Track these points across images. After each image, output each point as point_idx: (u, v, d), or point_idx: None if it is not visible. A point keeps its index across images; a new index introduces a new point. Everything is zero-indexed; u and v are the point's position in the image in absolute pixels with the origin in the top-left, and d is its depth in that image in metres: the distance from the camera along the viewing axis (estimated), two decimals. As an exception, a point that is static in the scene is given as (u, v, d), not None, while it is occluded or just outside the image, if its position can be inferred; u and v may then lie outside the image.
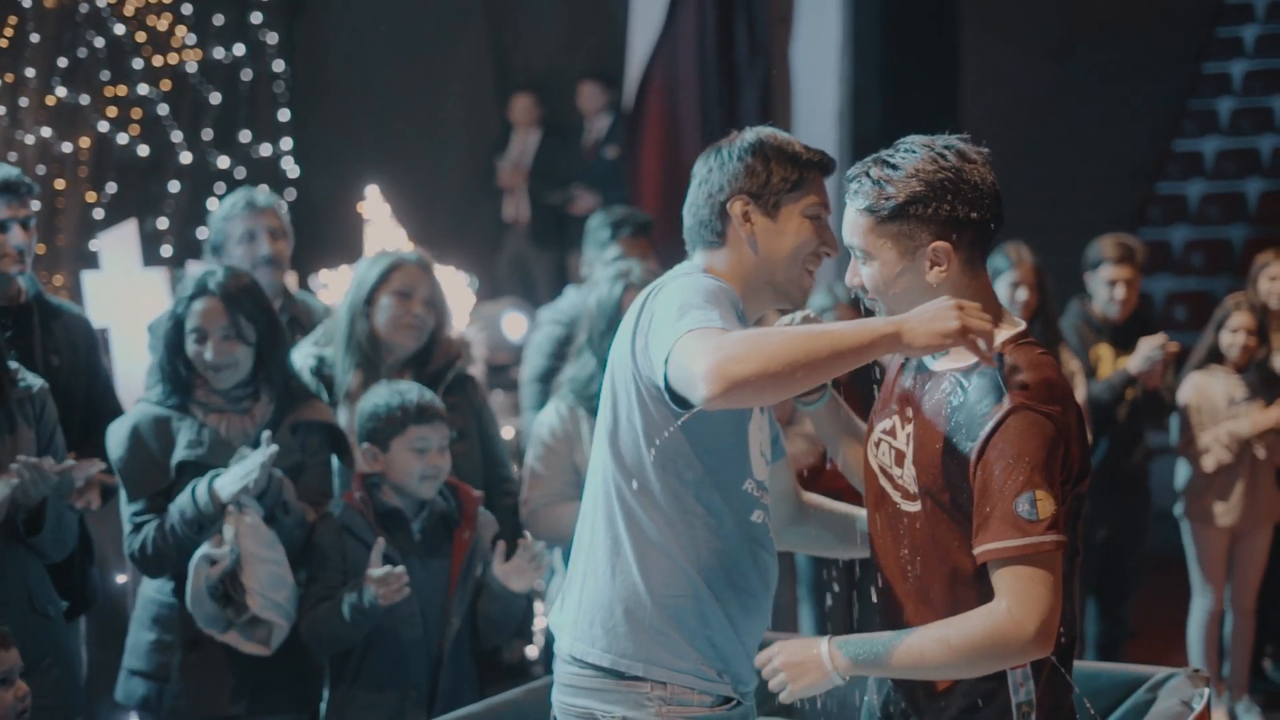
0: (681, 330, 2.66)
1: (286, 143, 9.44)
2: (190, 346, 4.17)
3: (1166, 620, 7.54)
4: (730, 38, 9.63)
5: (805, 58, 9.82)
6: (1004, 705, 2.74)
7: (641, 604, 2.88)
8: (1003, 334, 2.76)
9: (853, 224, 2.85)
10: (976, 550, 2.67)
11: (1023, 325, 2.83)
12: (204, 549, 3.99)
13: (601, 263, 5.70)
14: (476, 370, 5.04)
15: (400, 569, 3.96)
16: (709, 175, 3.02)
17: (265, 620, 4.01)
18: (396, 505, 4.16)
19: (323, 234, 8.40)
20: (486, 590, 4.21)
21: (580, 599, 2.97)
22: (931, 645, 2.69)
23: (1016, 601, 2.61)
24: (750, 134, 3.03)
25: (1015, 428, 2.65)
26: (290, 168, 9.39)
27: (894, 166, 2.79)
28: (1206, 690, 3.32)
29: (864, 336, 2.57)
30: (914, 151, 2.80)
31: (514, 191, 10.57)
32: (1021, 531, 2.61)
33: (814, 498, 3.32)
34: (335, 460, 4.37)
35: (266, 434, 4.01)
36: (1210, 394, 6.50)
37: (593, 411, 4.51)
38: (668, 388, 2.70)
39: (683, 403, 2.72)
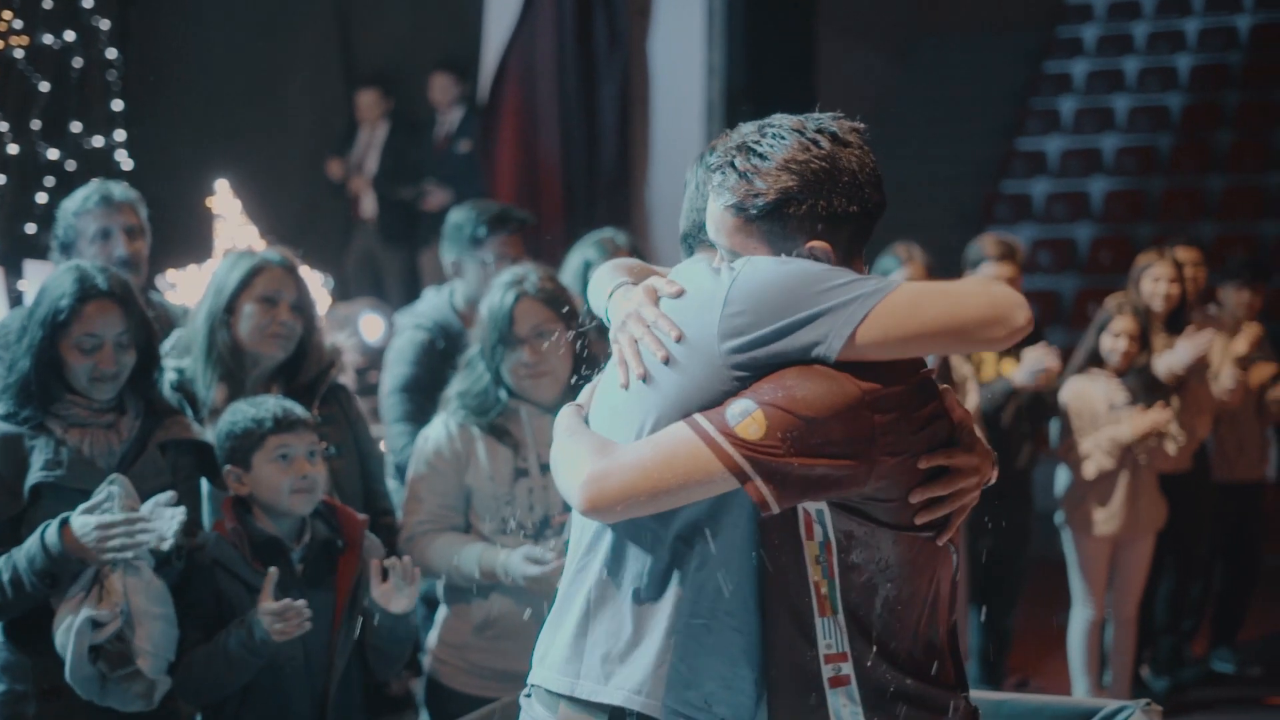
0: (868, 293, 2.40)
1: (120, 134, 8.99)
2: (74, 355, 3.69)
3: (1040, 626, 7.43)
4: (589, 29, 9.36)
5: (664, 51, 9.57)
6: None
7: (698, 645, 2.50)
8: None
9: (718, 221, 2.55)
10: None
11: None
12: (88, 610, 3.48)
13: (474, 261, 5.28)
14: (348, 379, 4.65)
15: (300, 601, 3.60)
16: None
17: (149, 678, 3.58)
18: (273, 533, 3.78)
19: (163, 231, 7.97)
20: (371, 621, 3.83)
21: (601, 637, 2.55)
22: (573, 426, 2.61)
23: (632, 446, 2.43)
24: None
25: (806, 370, 2.39)
26: (124, 160, 8.93)
27: (762, 156, 2.48)
28: (1164, 726, 3.11)
29: None
30: (782, 137, 2.49)
31: (357, 190, 10.22)
32: (712, 422, 2.37)
33: None
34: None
35: (172, 495, 3.57)
36: (1090, 398, 6.37)
37: (489, 429, 4.19)
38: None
39: None
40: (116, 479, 3.59)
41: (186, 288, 6.20)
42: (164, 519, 3.52)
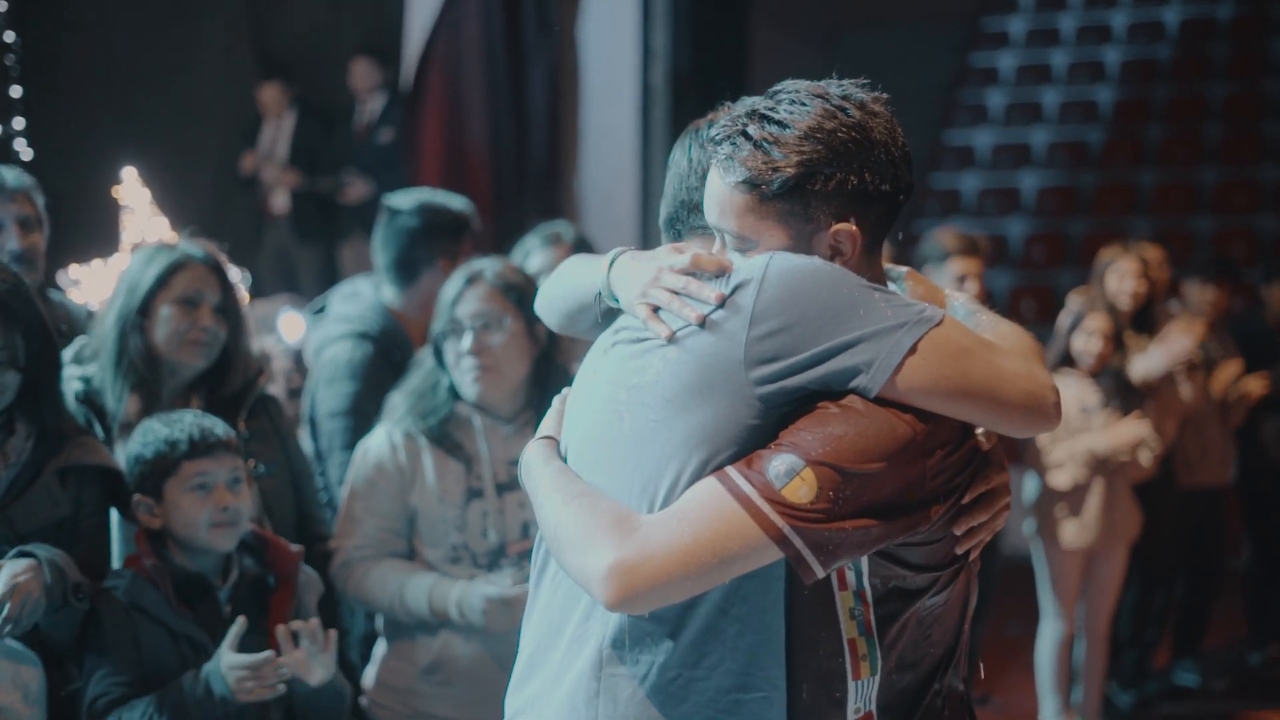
0: (912, 321, 2.07)
1: (19, 122, 8.54)
2: None
3: (995, 635, 7.12)
4: (518, 12, 8.94)
5: (596, 35, 9.17)
6: None
7: (735, 700, 2.14)
8: None
9: (724, 201, 2.19)
10: None
11: None
12: None
13: (431, 267, 4.67)
14: (277, 388, 4.15)
15: (283, 657, 3.16)
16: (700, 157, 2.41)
17: None
18: (195, 570, 3.30)
19: (64, 222, 7.55)
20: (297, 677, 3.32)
21: (615, 699, 2.16)
22: (572, 487, 2.16)
23: (661, 522, 2.02)
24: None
25: (850, 412, 2.05)
26: (23, 150, 8.48)
27: (780, 124, 2.15)
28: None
29: None
30: (803, 104, 2.17)
31: (270, 184, 9.77)
32: (752, 483, 2.00)
33: None
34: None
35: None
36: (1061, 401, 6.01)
37: (438, 441, 3.73)
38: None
39: None
40: None
41: (91, 285, 5.77)
42: None
